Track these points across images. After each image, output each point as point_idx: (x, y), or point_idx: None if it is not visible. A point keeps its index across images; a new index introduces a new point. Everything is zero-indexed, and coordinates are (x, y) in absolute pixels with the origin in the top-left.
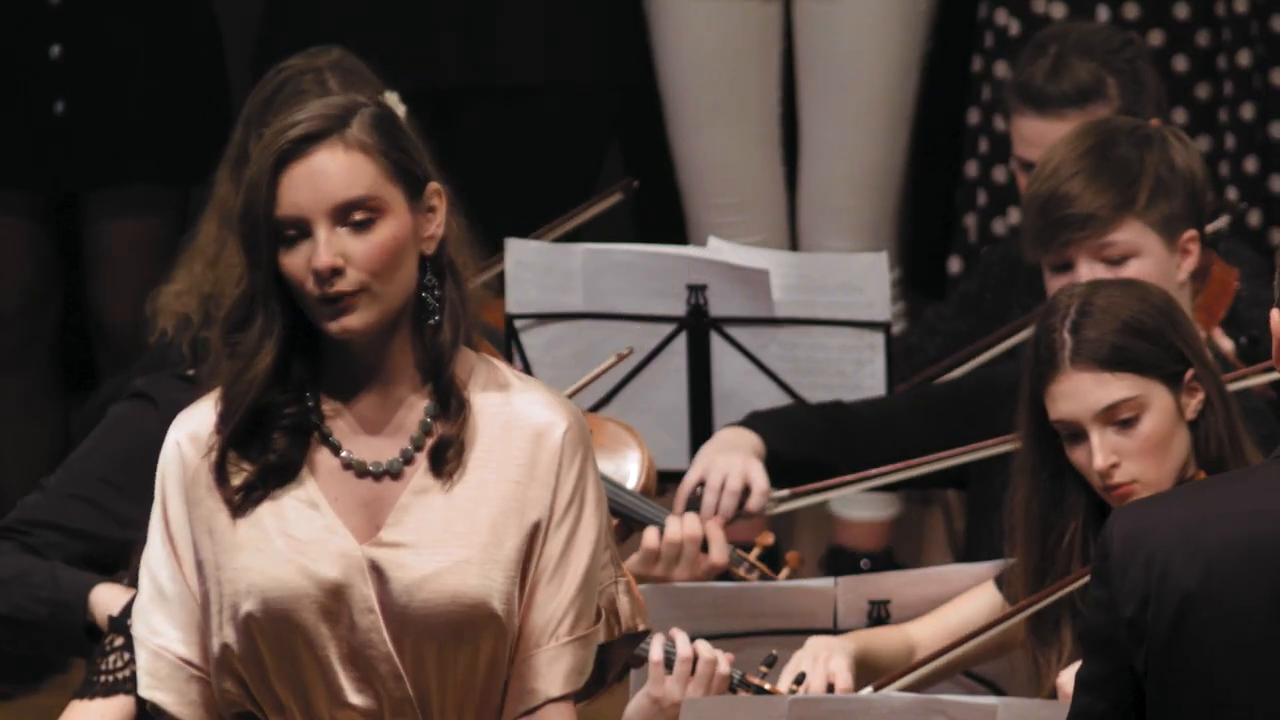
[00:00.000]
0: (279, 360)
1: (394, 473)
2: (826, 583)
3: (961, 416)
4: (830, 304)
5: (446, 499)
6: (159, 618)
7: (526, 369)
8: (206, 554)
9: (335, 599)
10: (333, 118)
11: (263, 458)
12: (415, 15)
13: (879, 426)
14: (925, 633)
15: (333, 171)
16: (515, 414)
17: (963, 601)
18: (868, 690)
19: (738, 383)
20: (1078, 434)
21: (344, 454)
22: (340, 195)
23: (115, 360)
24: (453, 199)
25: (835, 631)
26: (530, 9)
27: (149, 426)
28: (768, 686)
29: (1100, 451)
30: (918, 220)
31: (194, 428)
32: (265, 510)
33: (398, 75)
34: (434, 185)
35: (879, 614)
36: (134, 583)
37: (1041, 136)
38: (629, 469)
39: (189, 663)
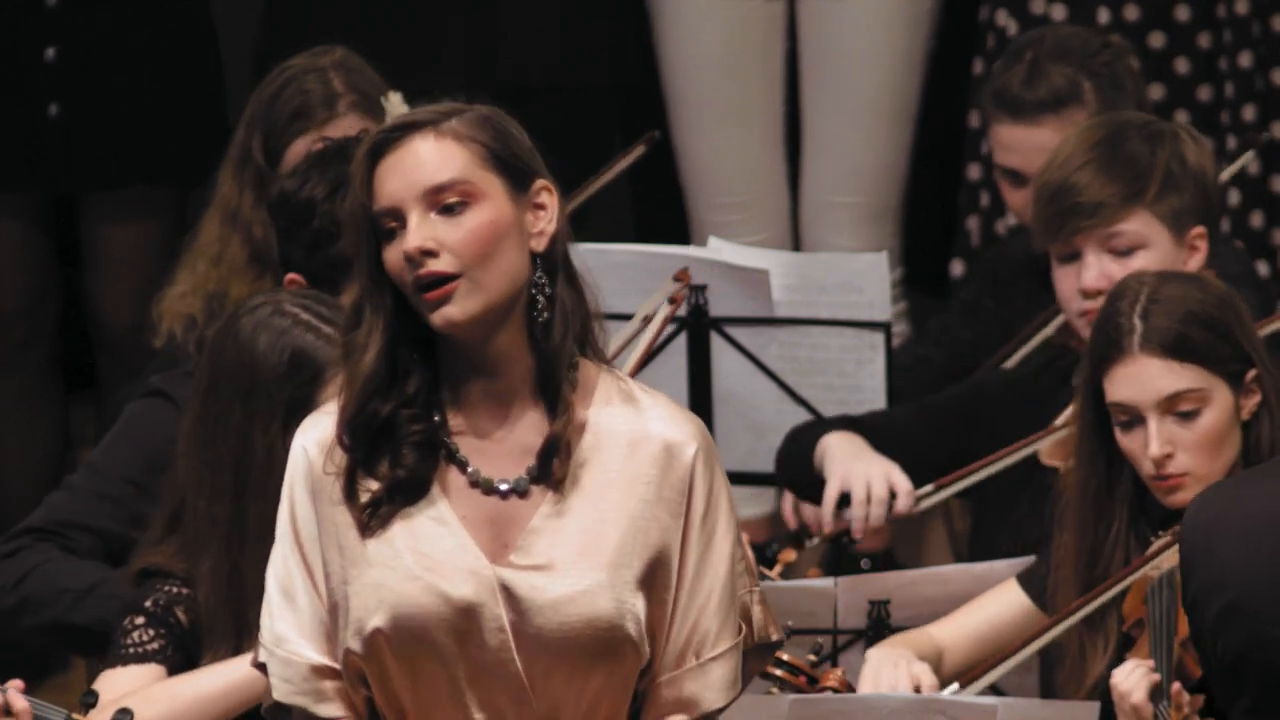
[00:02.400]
0: (386, 357)
1: (520, 491)
2: (826, 583)
3: (963, 422)
4: (831, 304)
5: (577, 519)
6: (286, 625)
7: None
8: (334, 567)
9: (466, 618)
10: (434, 113)
11: (392, 474)
12: (417, 15)
13: (893, 440)
14: (948, 634)
15: (423, 157)
16: (644, 431)
17: (985, 601)
18: (953, 688)
19: (738, 383)
20: (1134, 420)
21: (471, 470)
22: (431, 179)
23: (114, 360)
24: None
25: (836, 632)
26: (532, 9)
27: (166, 424)
28: (786, 658)
29: (1156, 440)
30: (920, 221)
31: (320, 435)
32: (396, 527)
33: (400, 75)
34: (543, 182)
35: (879, 614)
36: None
37: (1020, 143)
38: None
39: (319, 670)
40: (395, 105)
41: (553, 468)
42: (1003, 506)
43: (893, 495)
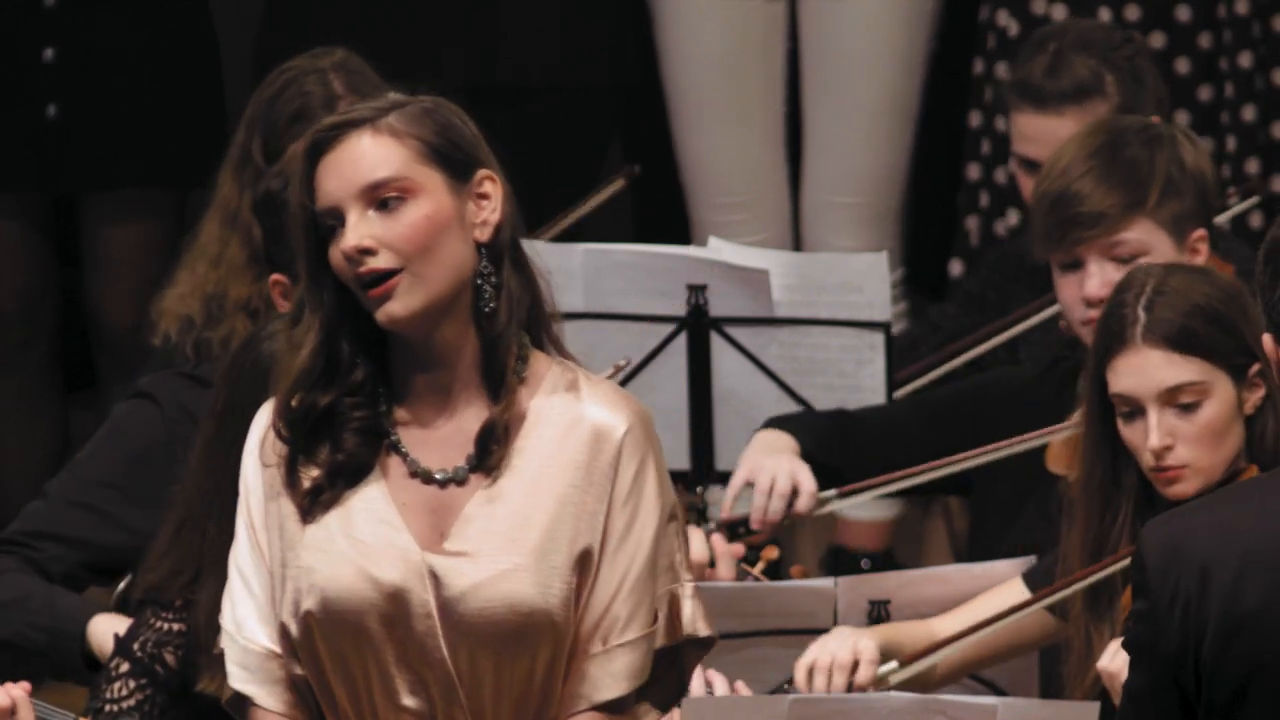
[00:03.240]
0: (322, 353)
1: (459, 480)
2: (826, 583)
3: (965, 421)
4: (831, 304)
5: (508, 505)
6: (245, 611)
7: None
8: (275, 551)
9: (394, 603)
10: (373, 109)
11: (332, 458)
12: (417, 15)
13: (884, 434)
14: (951, 628)
15: (360, 155)
16: (579, 416)
17: (989, 597)
18: (892, 665)
19: (738, 383)
20: (1135, 411)
21: (411, 460)
22: (367, 177)
23: (113, 361)
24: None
25: None
26: (532, 9)
27: (151, 426)
28: None
29: (1156, 431)
30: (920, 222)
31: (265, 429)
32: (333, 513)
33: (400, 76)
34: (486, 172)
35: (879, 614)
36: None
37: (1040, 133)
38: None
39: (274, 656)
40: None
41: (489, 455)
42: (1003, 509)
43: (795, 493)
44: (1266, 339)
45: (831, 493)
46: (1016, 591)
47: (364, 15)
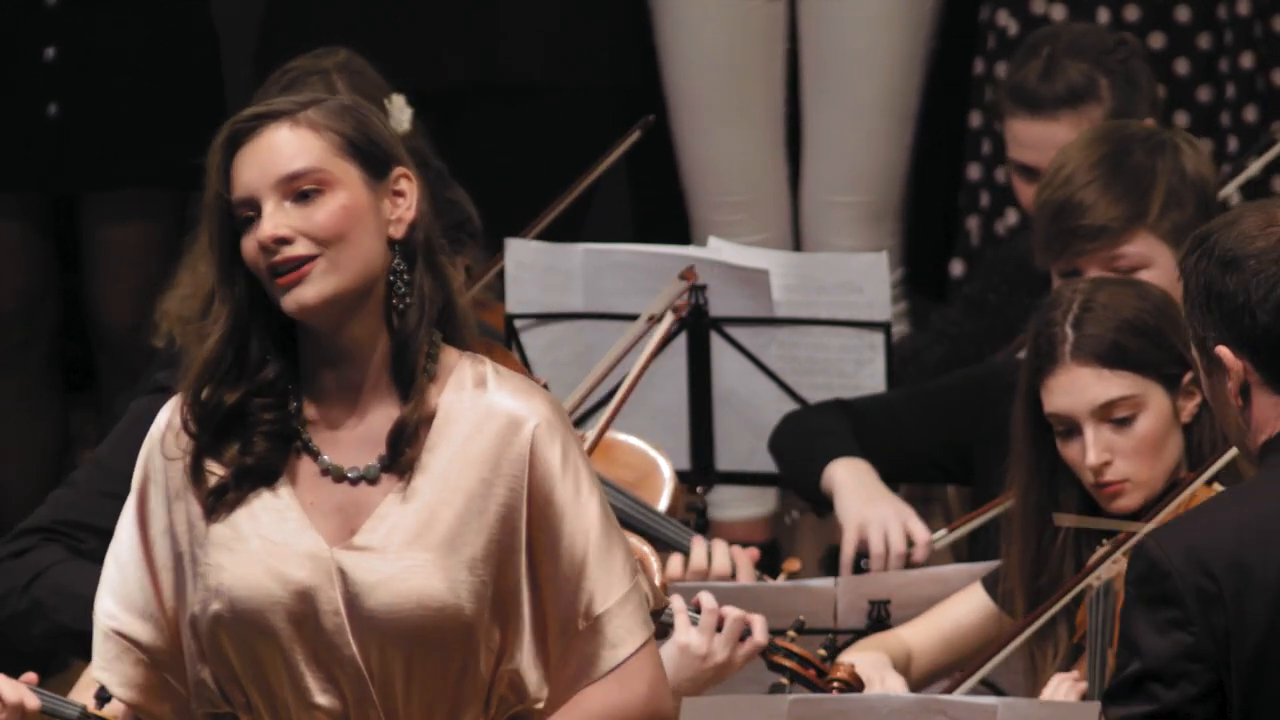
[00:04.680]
0: (228, 344)
1: (370, 478)
2: (826, 583)
3: (968, 410)
4: (830, 304)
5: (418, 502)
6: (114, 600)
7: (527, 369)
8: (184, 546)
9: (302, 601)
10: (292, 103)
11: (240, 460)
12: (417, 16)
13: (886, 425)
14: (917, 635)
15: (278, 147)
16: (487, 410)
17: (952, 604)
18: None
19: (738, 383)
20: (1072, 429)
21: (322, 459)
22: (284, 168)
23: (113, 361)
24: (427, 190)
25: (835, 631)
26: (532, 10)
27: None
28: (798, 650)
29: (1093, 448)
30: (920, 222)
31: (172, 414)
32: (241, 511)
33: (400, 76)
34: (402, 170)
35: (879, 614)
36: None
37: (1035, 138)
38: (658, 489)
39: (139, 645)
40: (398, 108)
41: (400, 454)
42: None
43: (910, 543)
44: (1224, 351)
45: (942, 532)
46: (975, 597)
47: (364, 15)
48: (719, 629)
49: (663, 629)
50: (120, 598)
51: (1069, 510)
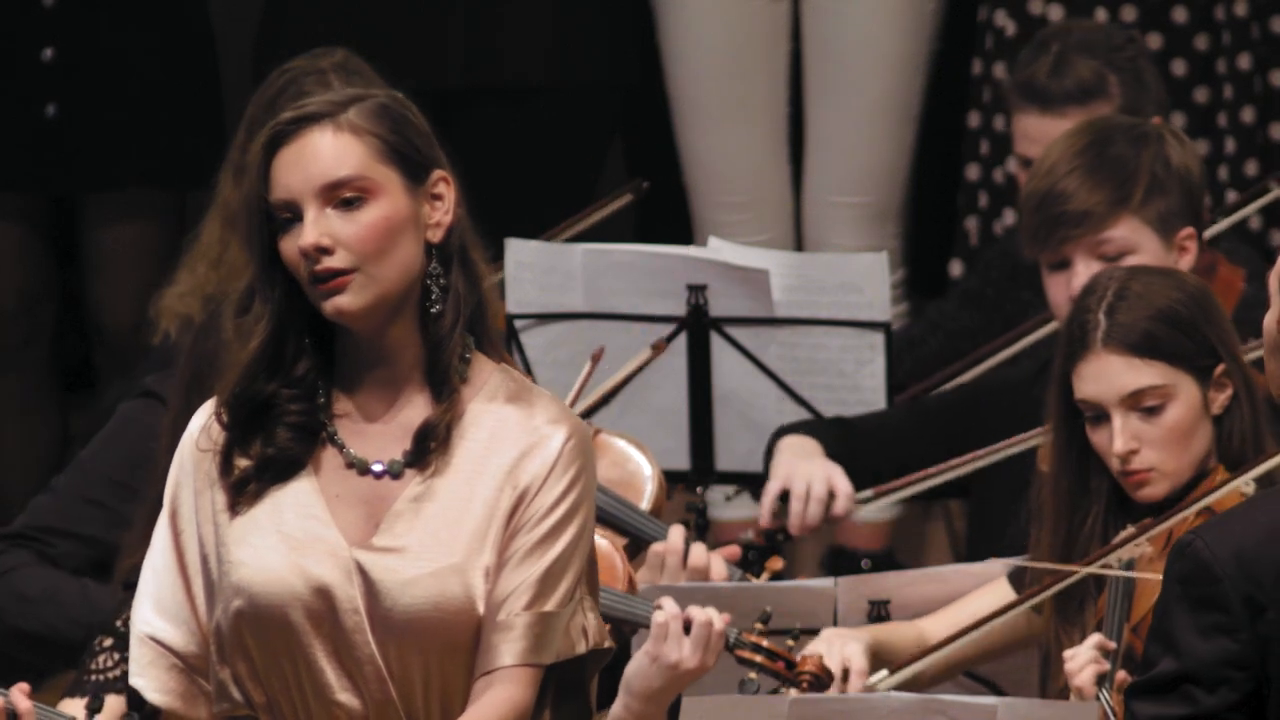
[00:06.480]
0: (272, 343)
1: (394, 473)
2: (826, 583)
3: (965, 422)
4: (831, 304)
5: (440, 504)
6: (149, 605)
7: (526, 369)
8: (210, 547)
9: (321, 598)
10: (331, 103)
11: (263, 451)
12: (417, 16)
13: (886, 440)
14: (939, 628)
15: (321, 152)
16: (518, 423)
17: (975, 597)
18: (881, 674)
19: (738, 383)
20: (1101, 416)
21: (348, 451)
22: (328, 175)
23: (113, 361)
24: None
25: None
26: (533, 9)
27: (157, 426)
28: (765, 643)
29: (1121, 435)
30: (920, 222)
31: (208, 417)
32: (265, 505)
33: (400, 76)
34: (440, 173)
35: (879, 614)
36: (122, 571)
37: (1044, 134)
38: (643, 487)
39: (173, 651)
40: None
41: (426, 452)
42: (1002, 509)
43: (832, 496)
44: (1268, 319)
45: (868, 493)
46: (1002, 591)
47: (364, 15)
48: (686, 632)
49: (628, 637)
50: (155, 604)
51: (1099, 495)
